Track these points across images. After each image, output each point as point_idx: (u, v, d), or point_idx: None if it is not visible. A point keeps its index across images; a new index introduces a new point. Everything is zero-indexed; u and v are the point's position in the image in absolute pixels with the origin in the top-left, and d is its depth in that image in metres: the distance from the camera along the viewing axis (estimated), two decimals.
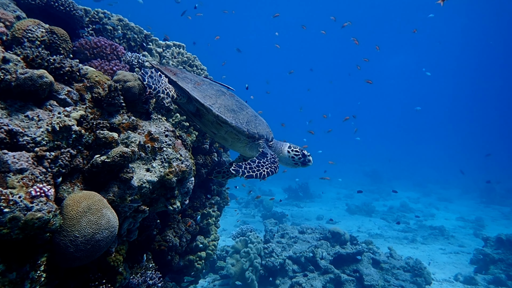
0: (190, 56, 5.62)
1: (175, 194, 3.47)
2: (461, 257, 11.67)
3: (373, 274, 7.50)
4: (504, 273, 9.26)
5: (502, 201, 25.21)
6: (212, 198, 6.16)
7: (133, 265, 4.15)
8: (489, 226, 17.27)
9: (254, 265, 7.60)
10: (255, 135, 3.85)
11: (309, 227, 9.68)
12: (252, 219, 16.40)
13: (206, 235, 6.03)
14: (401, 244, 13.05)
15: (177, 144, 3.51)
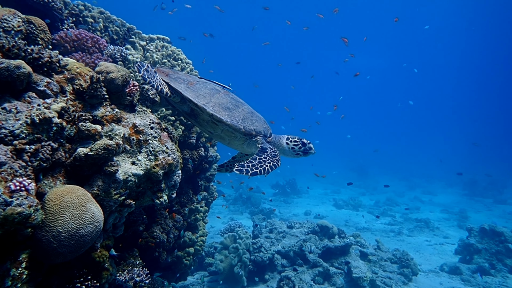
0: (174, 50, 5.53)
1: (162, 188, 3.40)
2: (446, 248, 11.86)
3: (361, 266, 7.54)
4: (488, 262, 9.44)
5: (484, 193, 25.75)
6: (199, 193, 6.09)
7: (120, 261, 4.06)
8: (472, 217, 17.62)
9: (243, 260, 7.57)
10: (252, 132, 3.79)
11: (297, 221, 9.69)
12: (240, 215, 16.35)
13: (194, 230, 5.96)
14: (388, 237, 13.20)
15: (163, 137, 3.44)
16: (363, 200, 20.80)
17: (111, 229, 3.21)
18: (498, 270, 9.20)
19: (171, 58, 5.39)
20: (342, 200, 19.86)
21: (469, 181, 27.41)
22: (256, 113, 4.07)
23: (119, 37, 5.03)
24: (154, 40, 5.37)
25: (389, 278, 7.79)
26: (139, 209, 4.30)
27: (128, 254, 4.27)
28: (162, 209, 5.23)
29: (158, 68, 4.03)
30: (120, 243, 4.14)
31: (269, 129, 4.05)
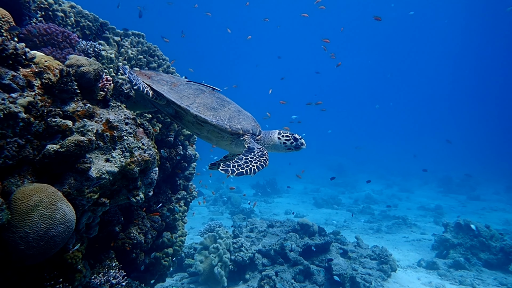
0: (150, 46, 5.40)
1: (138, 185, 3.29)
2: (423, 243, 12.10)
3: (342, 263, 7.57)
4: (463, 257, 9.68)
5: (458, 189, 26.55)
6: (178, 193, 5.97)
7: (95, 264, 3.92)
8: (447, 213, 18.08)
9: (224, 260, 7.48)
10: (239, 131, 3.69)
11: (278, 220, 9.67)
12: (220, 216, 16.23)
13: (173, 231, 5.84)
14: (367, 234, 13.37)
15: (139, 133, 3.33)
16: (342, 198, 21.03)
17: (85, 229, 3.08)
18: (472, 264, 9.45)
19: (147, 54, 5.27)
20: (322, 199, 20.00)
21: (444, 178, 28.19)
22: (243, 111, 3.97)
23: (91, 32, 4.87)
24: (129, 35, 5.23)
25: (368, 274, 7.86)
26: (115, 208, 4.16)
27: (103, 256, 4.13)
28: (140, 209, 5.10)
29: (140, 71, 3.91)
30: (95, 244, 4.00)
31: (258, 127, 3.96)
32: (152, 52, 5.37)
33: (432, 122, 76.16)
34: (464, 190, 26.22)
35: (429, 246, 11.43)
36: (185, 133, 5.90)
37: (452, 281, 8.47)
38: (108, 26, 5.07)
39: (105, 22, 5.05)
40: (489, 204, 21.62)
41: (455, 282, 8.41)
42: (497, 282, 8.53)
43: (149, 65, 5.22)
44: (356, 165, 38.65)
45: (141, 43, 5.24)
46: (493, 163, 43.05)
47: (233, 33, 22.13)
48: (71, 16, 4.54)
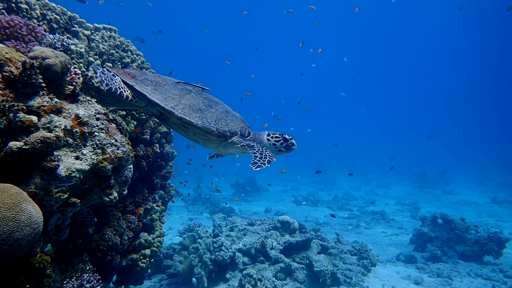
0: (123, 41, 5.21)
1: (111, 184, 3.14)
2: (401, 238, 12.30)
3: (322, 260, 7.56)
4: (440, 250, 9.87)
5: (433, 184, 27.27)
6: (155, 192, 5.81)
7: (67, 268, 3.73)
8: (423, 208, 18.50)
9: (204, 260, 7.34)
10: (226, 133, 3.56)
11: (258, 218, 9.59)
12: (200, 215, 16.03)
13: (150, 231, 5.67)
14: (347, 230, 13.48)
15: (111, 128, 3.17)
16: (322, 195, 21.17)
17: (54, 231, 2.91)
18: (449, 257, 9.65)
19: (120, 49, 5.07)
20: (301, 196, 20.08)
21: (419, 174, 28.88)
22: (232, 112, 3.82)
23: (59, 26, 4.64)
24: (100, 29, 5.03)
25: (349, 270, 7.90)
26: (87, 208, 3.98)
27: (76, 259, 3.94)
28: (115, 210, 4.92)
29: (123, 70, 3.69)
30: (66, 247, 3.81)
31: (247, 128, 3.81)
32: (125, 47, 5.18)
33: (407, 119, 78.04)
34: (439, 185, 26.96)
35: (407, 240, 11.62)
36: (161, 131, 5.74)
37: (429, 274, 8.61)
38: (77, 20, 4.86)
39: (74, 15, 4.83)
40: (463, 198, 22.28)
41: (432, 275, 8.56)
42: (472, 273, 8.74)
43: (122, 60, 5.03)
44: (334, 162, 39.11)
45: (113, 38, 5.04)
46: (465, 159, 44.46)
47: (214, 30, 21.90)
48: (37, 8, 4.31)
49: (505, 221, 16.07)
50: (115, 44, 5.02)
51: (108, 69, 3.53)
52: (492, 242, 9.62)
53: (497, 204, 20.47)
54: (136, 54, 5.37)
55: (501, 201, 20.75)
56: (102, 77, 3.30)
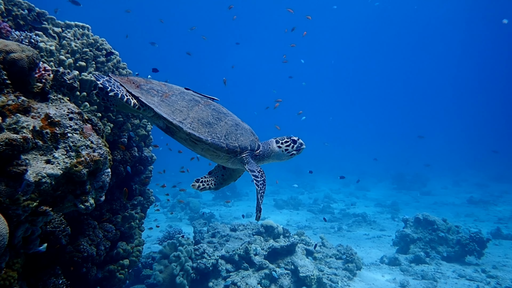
0: (97, 39, 4.92)
1: (87, 190, 2.87)
2: (384, 240, 12.33)
3: (308, 265, 7.41)
4: (423, 251, 9.92)
5: (410, 186, 27.78)
6: (134, 198, 5.51)
7: (37, 283, 3.42)
8: (403, 209, 18.72)
9: (185, 268, 7.06)
10: (237, 150, 3.34)
11: (241, 224, 9.36)
12: (179, 222, 15.65)
13: (129, 240, 5.37)
14: (329, 233, 13.42)
15: (86, 129, 2.91)
16: (302, 199, 21.11)
17: (21, 243, 2.62)
18: (432, 258, 9.71)
19: (94, 47, 4.79)
20: (282, 200, 19.96)
21: (397, 176, 29.35)
22: (242, 124, 3.59)
23: (26, 23, 4.32)
24: (72, 27, 4.74)
25: (334, 274, 7.78)
26: (59, 217, 3.67)
27: (48, 273, 3.62)
28: (90, 218, 4.60)
29: (127, 78, 3.42)
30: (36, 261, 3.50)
31: (257, 141, 3.61)
32: (99, 45, 4.90)
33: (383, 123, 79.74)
34: (416, 186, 27.48)
35: (389, 242, 11.65)
36: (140, 134, 5.47)
37: (414, 276, 8.60)
38: (46, 17, 4.55)
39: (43, 12, 4.53)
40: (440, 199, 22.74)
41: (417, 277, 8.55)
42: (456, 274, 8.79)
43: (97, 59, 4.75)
44: (313, 166, 39.31)
45: (86, 36, 4.76)
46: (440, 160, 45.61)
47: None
48: (1, 4, 3.99)
49: (482, 220, 16.45)
50: (89, 42, 4.74)
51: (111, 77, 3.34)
52: (474, 243, 9.73)
53: (473, 204, 20.98)
54: (112, 52, 5.09)
55: (477, 201, 21.29)
56: (106, 83, 3.15)
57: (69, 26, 4.73)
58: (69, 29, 4.69)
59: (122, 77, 3.44)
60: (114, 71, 4.99)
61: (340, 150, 57.91)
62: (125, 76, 3.54)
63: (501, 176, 31.93)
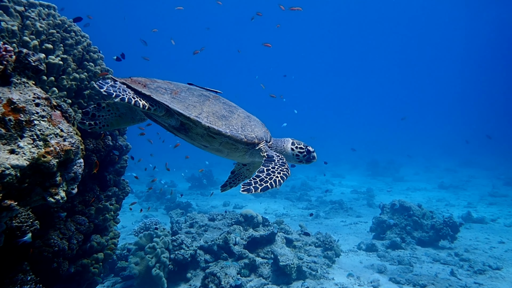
0: (65, 20, 4.59)
1: (57, 182, 2.65)
2: (360, 226, 12.52)
3: (288, 253, 7.39)
4: (399, 237, 10.12)
5: (384, 172, 28.45)
6: (108, 189, 5.26)
7: (3, 280, 3.18)
8: (378, 195, 19.12)
9: (162, 260, 6.88)
10: (255, 140, 3.25)
11: (219, 213, 9.23)
12: (155, 212, 15.37)
13: (103, 233, 5.14)
14: (307, 221, 13.49)
15: (55, 116, 2.67)
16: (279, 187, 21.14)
17: None
18: (407, 243, 9.92)
19: (61, 29, 4.47)
20: None
21: (371, 162, 29.97)
22: (252, 116, 3.50)
23: None
24: (36, 6, 4.38)
25: (314, 262, 7.80)
26: (27, 211, 3.42)
27: (15, 269, 3.38)
28: (61, 211, 4.34)
29: (132, 79, 3.26)
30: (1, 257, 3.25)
31: (268, 133, 3.52)
32: (67, 27, 4.57)
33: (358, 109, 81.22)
34: (390, 173, 28.18)
35: (366, 229, 11.82)
36: None
37: (391, 262, 8.76)
38: None
39: None
40: (413, 184, 23.41)
41: (394, 262, 8.72)
42: (430, 258, 9.03)
43: (65, 42, 4.43)
44: None
45: (52, 16, 4.43)
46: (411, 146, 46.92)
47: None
48: None
49: (453, 205, 17.03)
50: (55, 23, 4.41)
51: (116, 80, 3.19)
52: (447, 227, 10.01)
53: (444, 189, 21.72)
54: (81, 35, 4.77)
55: (447, 186, 22.04)
56: (111, 89, 3.00)
57: (33, 5, 4.37)
58: (33, 8, 4.33)
59: (125, 78, 3.27)
60: (85, 54, 4.68)
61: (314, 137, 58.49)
62: (129, 78, 3.35)
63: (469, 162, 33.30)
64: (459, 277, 7.77)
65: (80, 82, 4.41)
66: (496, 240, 10.71)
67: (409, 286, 7.32)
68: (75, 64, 4.44)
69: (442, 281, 7.45)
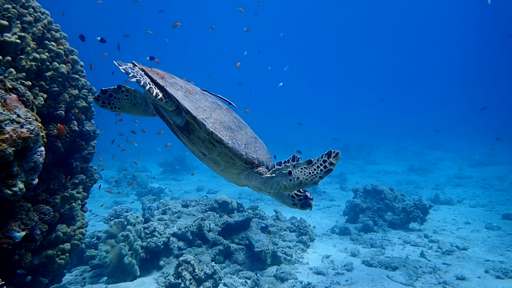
0: None
1: (14, 172, 2.43)
2: (333, 210, 12.68)
3: (263, 239, 7.35)
4: (371, 220, 10.30)
5: (356, 155, 29.05)
6: (75, 177, 5.00)
7: None
8: (350, 179, 19.46)
9: (134, 248, 6.69)
10: (254, 161, 3.08)
11: (193, 199, 9.05)
12: (126, 198, 15.00)
13: (70, 222, 4.90)
14: (281, 205, 13.56)
15: (11, 100, 2.43)
16: None
17: None
18: (379, 226, 10.14)
19: (18, 4, 4.09)
20: None
21: (343, 146, 30.52)
22: (259, 139, 3.36)
23: None
24: None
25: (289, 247, 7.81)
26: None
27: None
28: (23, 200, 4.07)
29: (151, 68, 3.13)
30: None
31: (271, 161, 3.37)
32: (24, 2, 4.20)
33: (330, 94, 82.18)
34: (361, 156, 28.81)
35: (339, 212, 11.97)
36: (79, 105, 4.90)
37: (364, 245, 8.92)
38: None
39: None
40: (383, 167, 24.01)
41: (366, 245, 8.88)
42: (401, 240, 9.25)
43: (22, 19, 4.07)
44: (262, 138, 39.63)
45: None
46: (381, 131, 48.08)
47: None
48: None
49: (421, 187, 17.58)
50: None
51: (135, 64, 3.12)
52: (418, 210, 10.27)
53: (413, 171, 22.40)
54: (41, 12, 4.42)
55: (416, 169, 22.75)
56: (128, 69, 2.91)
57: None
58: None
59: (146, 66, 3.15)
60: (45, 33, 4.33)
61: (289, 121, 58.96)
62: (149, 67, 3.23)
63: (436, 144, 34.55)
64: (428, 258, 8.01)
65: (41, 62, 4.08)
66: (463, 221, 11.13)
67: (382, 269, 7.48)
68: (34, 43, 4.10)
69: (412, 262, 7.65)
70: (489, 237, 9.47)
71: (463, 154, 29.15)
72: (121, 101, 3.28)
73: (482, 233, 9.91)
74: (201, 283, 6.09)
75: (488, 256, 8.10)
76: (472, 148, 32.33)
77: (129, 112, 3.39)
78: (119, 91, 3.27)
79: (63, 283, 6.32)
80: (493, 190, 16.32)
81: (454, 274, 7.12)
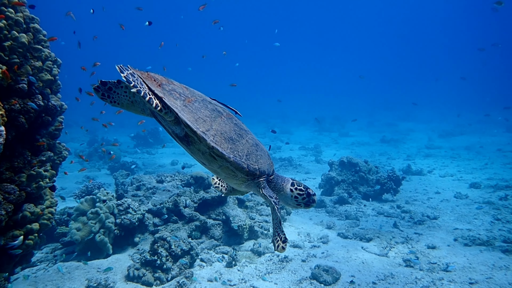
0: None
1: None
2: (309, 183, 12.83)
3: (240, 214, 7.34)
4: (346, 192, 10.52)
5: (330, 128, 29.55)
6: (42, 154, 4.71)
7: None
8: (325, 151, 19.75)
9: (107, 226, 6.52)
10: (256, 173, 2.93)
11: (168, 174, 8.88)
12: (98, 172, 14.62)
13: (38, 201, 4.65)
14: None
15: None
16: None
17: None
18: (354, 198, 10.37)
19: None
20: None
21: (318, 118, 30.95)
22: (260, 145, 3.15)
23: None
24: None
25: (265, 221, 7.86)
26: None
27: None
28: None
29: (148, 74, 2.86)
30: None
31: (272, 166, 3.21)
32: None
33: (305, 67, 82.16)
34: (336, 128, 29.31)
35: (315, 185, 12.13)
36: (44, 79, 4.55)
37: (339, 217, 9.12)
38: None
39: None
40: (357, 139, 24.54)
41: (342, 217, 9.07)
42: (375, 212, 9.52)
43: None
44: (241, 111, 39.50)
45: None
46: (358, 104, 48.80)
47: None
48: None
49: (393, 158, 18.11)
50: None
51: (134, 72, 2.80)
52: (391, 181, 10.57)
53: (386, 143, 23.03)
54: None
55: (389, 140, 23.39)
56: (130, 78, 2.66)
57: None
58: None
59: (142, 72, 2.86)
60: None
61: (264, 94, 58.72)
62: (145, 72, 2.88)
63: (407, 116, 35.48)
64: (401, 229, 8.27)
65: None
66: (433, 191, 11.58)
67: (356, 240, 7.69)
68: None
69: (386, 233, 7.89)
70: (458, 206, 9.88)
71: (434, 125, 30.11)
72: (120, 97, 3.05)
73: (451, 202, 10.34)
74: (178, 259, 6.05)
75: (457, 225, 8.45)
76: (442, 118, 33.46)
77: (128, 109, 3.16)
78: (119, 86, 3.05)
79: (33, 261, 6.13)
80: (461, 160, 17.04)
81: (425, 243, 7.40)
